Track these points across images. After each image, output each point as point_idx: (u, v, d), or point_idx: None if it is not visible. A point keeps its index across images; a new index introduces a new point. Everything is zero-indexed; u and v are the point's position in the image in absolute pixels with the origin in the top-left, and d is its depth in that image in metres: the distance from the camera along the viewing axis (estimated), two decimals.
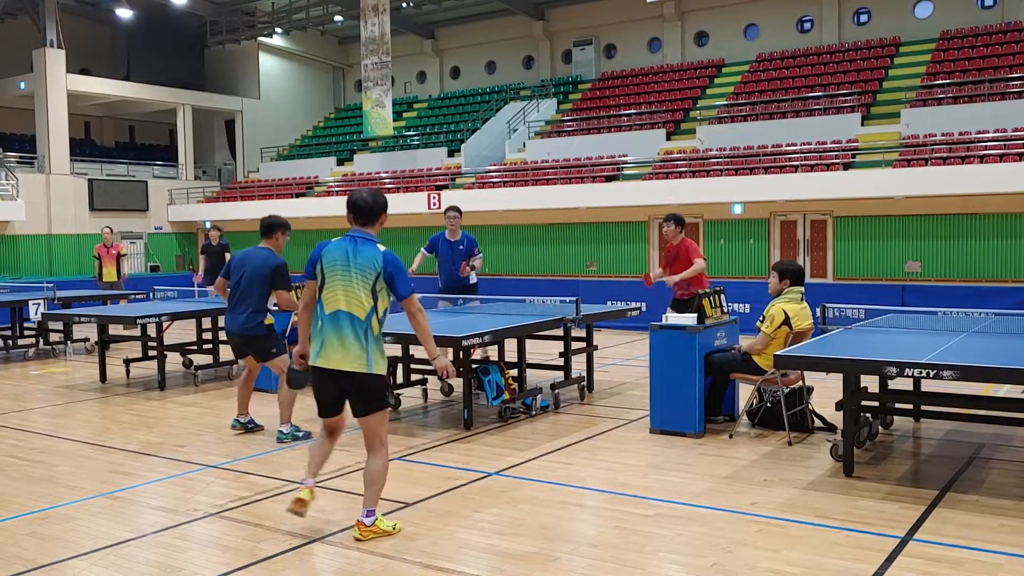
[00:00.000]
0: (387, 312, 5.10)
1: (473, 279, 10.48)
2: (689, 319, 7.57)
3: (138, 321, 10.20)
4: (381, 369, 4.99)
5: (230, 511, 5.60)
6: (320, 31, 34.60)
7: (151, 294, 13.67)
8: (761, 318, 7.50)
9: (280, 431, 7.51)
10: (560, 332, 8.99)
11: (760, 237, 20.58)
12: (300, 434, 7.53)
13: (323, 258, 5.04)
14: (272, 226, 7.59)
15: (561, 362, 9.24)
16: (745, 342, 7.62)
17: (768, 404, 7.61)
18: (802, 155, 20.63)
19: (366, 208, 5.07)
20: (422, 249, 10.50)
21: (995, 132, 19.10)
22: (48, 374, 11.84)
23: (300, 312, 5.27)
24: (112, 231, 17.22)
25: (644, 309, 10.81)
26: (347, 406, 5.10)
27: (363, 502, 5.06)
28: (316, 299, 5.06)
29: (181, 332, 14.94)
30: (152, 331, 11.28)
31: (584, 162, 23.97)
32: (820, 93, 23.19)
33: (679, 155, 22.63)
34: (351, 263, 4.96)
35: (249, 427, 7.89)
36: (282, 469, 6.63)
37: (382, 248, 5.02)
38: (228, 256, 15.04)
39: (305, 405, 8.57)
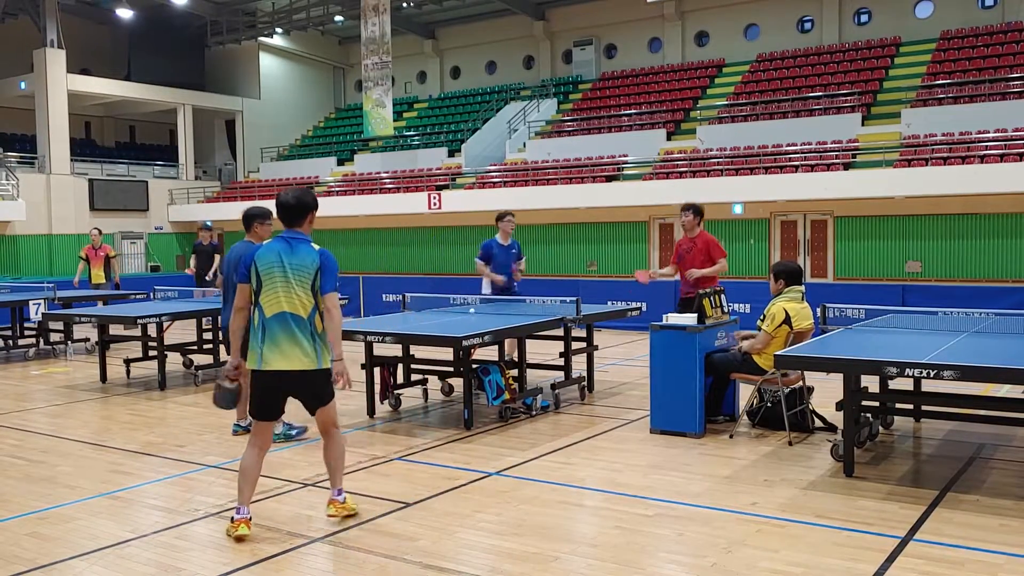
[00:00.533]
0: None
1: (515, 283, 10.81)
2: (689, 319, 7.57)
3: (138, 321, 10.20)
4: (327, 363, 5.12)
5: (230, 511, 5.59)
6: (320, 31, 34.59)
7: (151, 294, 13.66)
8: (762, 317, 7.51)
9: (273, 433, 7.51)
10: (560, 332, 8.99)
11: (760, 237, 20.58)
12: (293, 432, 7.52)
13: (257, 261, 5.11)
14: (248, 218, 7.33)
15: (561, 362, 9.24)
16: (744, 343, 7.62)
17: (768, 404, 7.61)
18: (802, 155, 20.63)
19: (293, 208, 5.25)
20: (478, 260, 10.62)
21: (995, 132, 19.09)
22: (48, 374, 11.84)
23: (232, 318, 5.28)
24: (100, 232, 16.77)
25: (644, 309, 10.80)
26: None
27: (332, 483, 5.35)
28: (251, 304, 5.13)
29: (181, 332, 14.95)
30: (152, 331, 11.28)
31: (584, 162, 23.97)
32: (820, 93, 23.19)
33: (679, 155, 22.63)
34: (287, 264, 5.07)
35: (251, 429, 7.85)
36: (281, 469, 6.63)
37: (316, 247, 5.19)
38: (218, 257, 15.01)
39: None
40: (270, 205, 6.58)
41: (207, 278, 15.54)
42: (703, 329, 7.46)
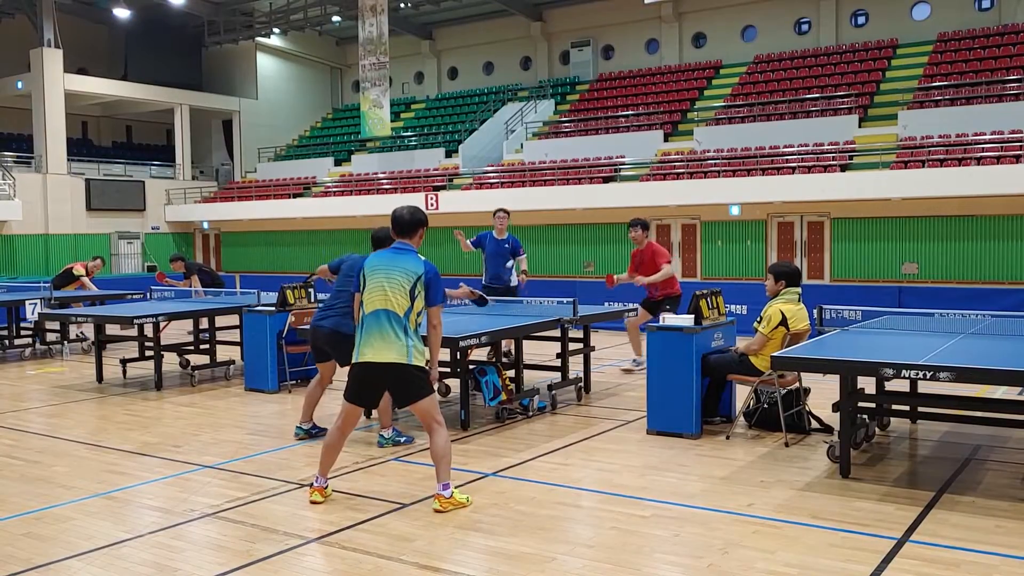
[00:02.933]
0: (422, 314, 5.59)
1: (514, 281, 11.19)
2: (686, 320, 7.57)
3: (135, 321, 10.19)
4: (419, 361, 5.47)
5: (226, 511, 5.59)
6: (318, 31, 34.56)
7: (147, 294, 13.64)
8: (759, 318, 7.51)
9: (299, 427, 7.62)
10: (557, 333, 8.99)
11: (757, 238, 20.60)
12: (402, 439, 7.33)
13: (365, 267, 5.65)
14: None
15: (558, 363, 9.24)
16: (742, 343, 7.63)
17: (765, 405, 7.62)
18: (799, 156, 20.65)
19: (407, 223, 5.67)
20: (468, 241, 11.19)
21: (992, 134, 19.13)
22: (44, 374, 11.82)
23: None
24: (104, 263, 15.81)
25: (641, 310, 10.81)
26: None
27: (437, 477, 5.51)
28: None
29: (178, 332, 14.93)
30: (149, 331, 11.26)
31: (582, 163, 23.98)
32: (817, 95, 23.22)
33: (676, 156, 22.65)
34: (392, 268, 5.53)
35: (313, 433, 7.61)
36: (278, 470, 6.62)
37: (423, 258, 5.60)
38: (195, 279, 14.51)
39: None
40: (268, 206, 6.60)
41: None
42: (700, 330, 7.46)
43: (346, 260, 7.61)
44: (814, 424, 7.58)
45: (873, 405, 7.10)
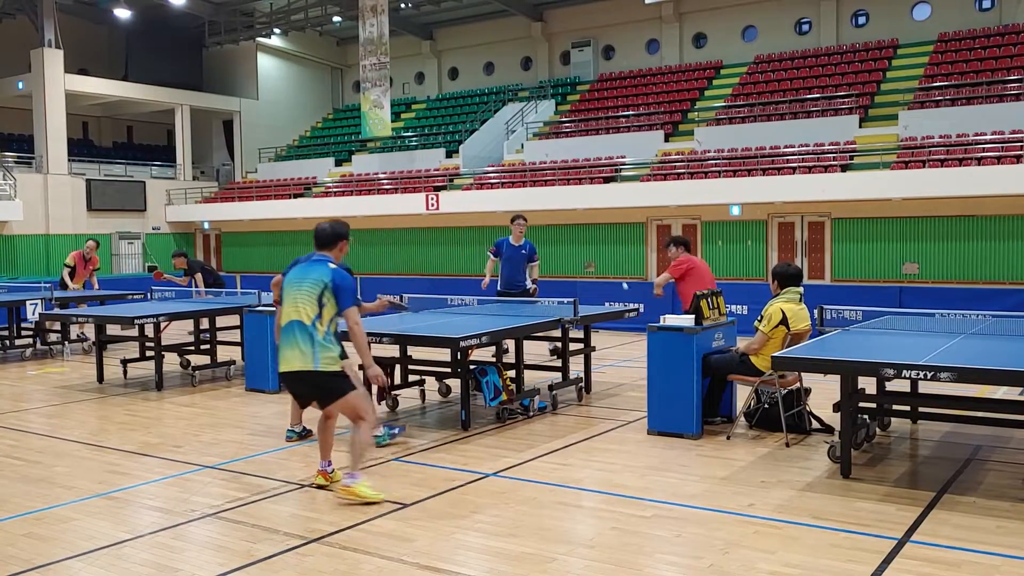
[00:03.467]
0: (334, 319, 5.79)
1: (530, 285, 11.72)
2: (687, 320, 7.57)
3: (136, 321, 10.19)
4: (328, 367, 5.69)
5: (227, 512, 5.59)
6: (318, 32, 34.56)
7: (148, 294, 13.64)
8: (759, 317, 7.51)
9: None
10: (558, 333, 8.99)
11: (758, 239, 20.59)
12: (395, 431, 7.50)
13: (284, 282, 5.92)
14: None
15: (559, 363, 9.24)
16: (743, 343, 7.63)
17: (766, 405, 7.62)
18: (800, 157, 20.64)
19: (324, 237, 5.95)
20: (489, 255, 11.95)
21: (993, 134, 19.12)
22: (45, 374, 11.83)
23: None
24: (97, 245, 15.76)
25: (642, 310, 10.80)
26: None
27: (351, 464, 5.75)
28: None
29: (179, 332, 14.93)
30: (150, 331, 11.26)
31: (582, 163, 23.97)
32: (818, 95, 23.21)
33: (677, 156, 22.64)
34: (303, 279, 5.78)
35: (304, 434, 7.56)
36: (278, 470, 6.62)
37: (332, 266, 5.81)
38: (199, 276, 14.52)
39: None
40: (268, 206, 6.65)
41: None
42: (701, 330, 7.46)
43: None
44: (815, 424, 7.58)
45: (874, 405, 7.10)
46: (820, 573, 4.44)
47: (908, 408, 7.57)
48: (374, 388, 5.98)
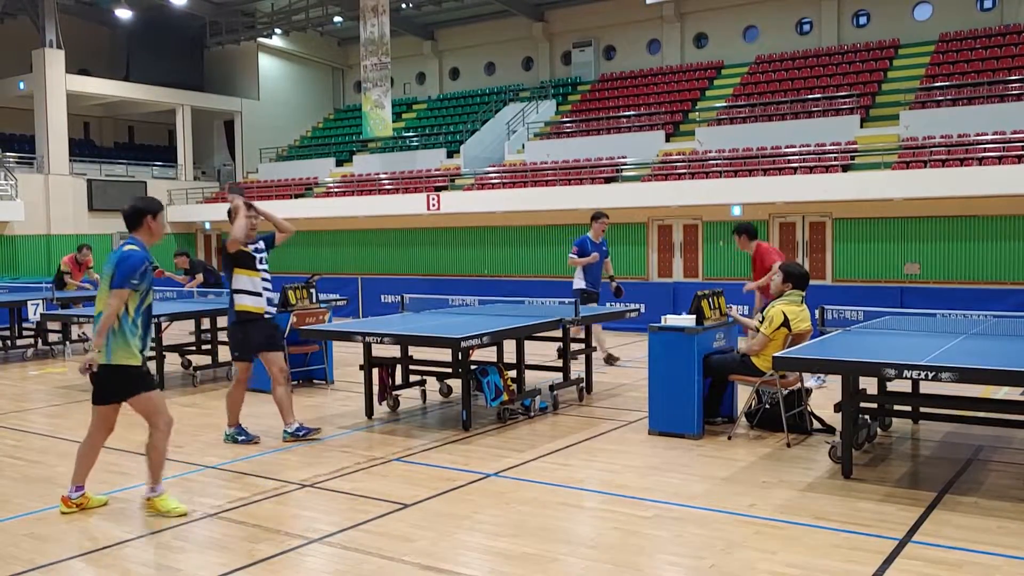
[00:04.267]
0: (140, 308, 5.54)
1: (612, 283, 11.92)
2: (688, 321, 7.57)
3: None
4: (120, 360, 5.46)
5: (228, 512, 5.60)
6: (319, 32, 34.56)
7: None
8: (760, 319, 7.51)
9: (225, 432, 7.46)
10: (559, 333, 8.99)
11: (760, 239, 20.56)
12: (240, 438, 7.45)
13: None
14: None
15: (560, 363, 9.24)
16: (743, 343, 7.62)
17: (767, 406, 7.61)
18: (801, 157, 20.63)
19: (126, 216, 5.77)
20: (573, 255, 11.81)
21: (994, 134, 19.11)
22: (46, 374, 11.83)
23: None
24: (91, 250, 15.71)
25: (643, 311, 10.81)
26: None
27: (149, 479, 5.65)
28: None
29: (180, 333, 14.93)
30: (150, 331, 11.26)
31: (583, 163, 23.97)
32: (819, 95, 23.20)
33: (678, 156, 22.63)
34: (105, 268, 5.60)
35: (300, 434, 7.55)
36: (280, 470, 6.62)
37: (126, 248, 5.59)
38: (199, 277, 14.57)
39: (306, 407, 8.62)
40: (269, 206, 6.60)
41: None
42: (702, 331, 7.46)
43: None
44: (816, 425, 7.58)
45: (875, 406, 7.09)
46: (821, 573, 4.44)
47: (909, 408, 7.57)
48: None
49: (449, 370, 8.79)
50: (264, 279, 7.33)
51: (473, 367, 8.24)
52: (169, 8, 30.59)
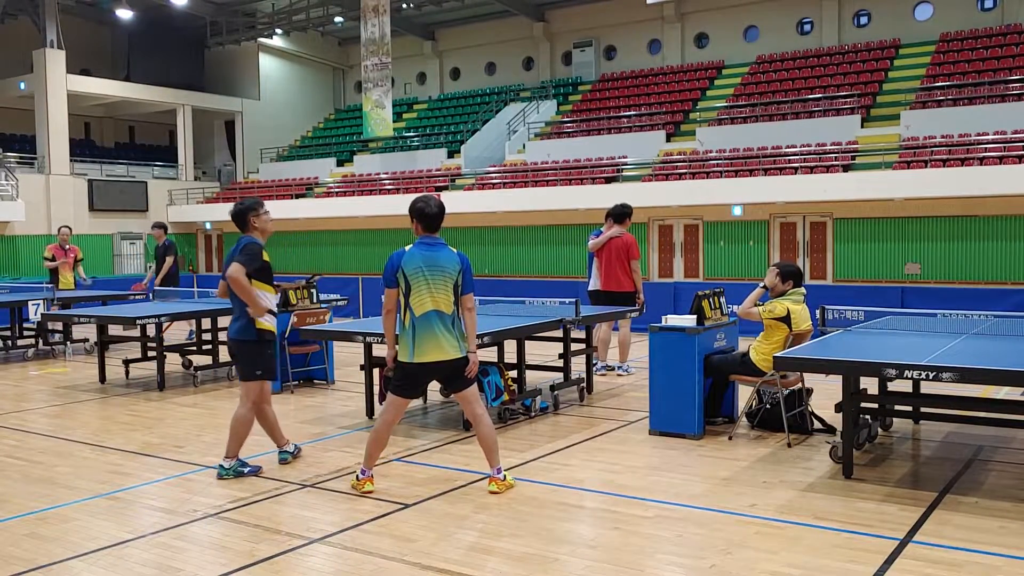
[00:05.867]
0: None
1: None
2: (689, 321, 7.57)
3: (137, 322, 10.20)
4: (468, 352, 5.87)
5: (229, 512, 5.60)
6: (320, 32, 34.59)
7: (150, 295, 13.65)
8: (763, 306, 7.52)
9: (222, 465, 6.45)
10: (559, 333, 8.99)
11: (760, 239, 20.58)
12: (245, 470, 6.47)
13: (404, 266, 5.69)
14: (244, 212, 6.52)
15: (560, 363, 9.24)
16: (744, 344, 7.62)
17: (767, 406, 7.61)
18: (802, 157, 20.64)
19: (437, 216, 5.79)
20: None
21: (995, 134, 19.11)
22: (47, 374, 11.84)
23: (384, 319, 5.92)
24: (71, 231, 15.36)
25: (643, 311, 10.81)
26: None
27: (489, 463, 5.98)
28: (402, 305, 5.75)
29: (181, 333, 14.94)
30: (152, 332, 11.27)
31: (584, 163, 23.98)
32: (820, 95, 23.21)
33: (679, 156, 22.64)
34: (433, 267, 5.69)
35: (296, 453, 6.88)
36: (280, 470, 6.62)
37: (455, 251, 5.81)
38: (169, 260, 14.24)
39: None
40: (270, 206, 6.57)
41: (153, 281, 14.33)
42: (702, 331, 7.46)
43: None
44: (817, 425, 7.58)
45: (876, 406, 7.09)
46: (822, 573, 4.44)
47: (910, 408, 7.57)
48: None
49: None
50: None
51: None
52: (170, 8, 30.62)
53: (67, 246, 15.01)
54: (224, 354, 11.27)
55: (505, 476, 5.94)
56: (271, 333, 6.43)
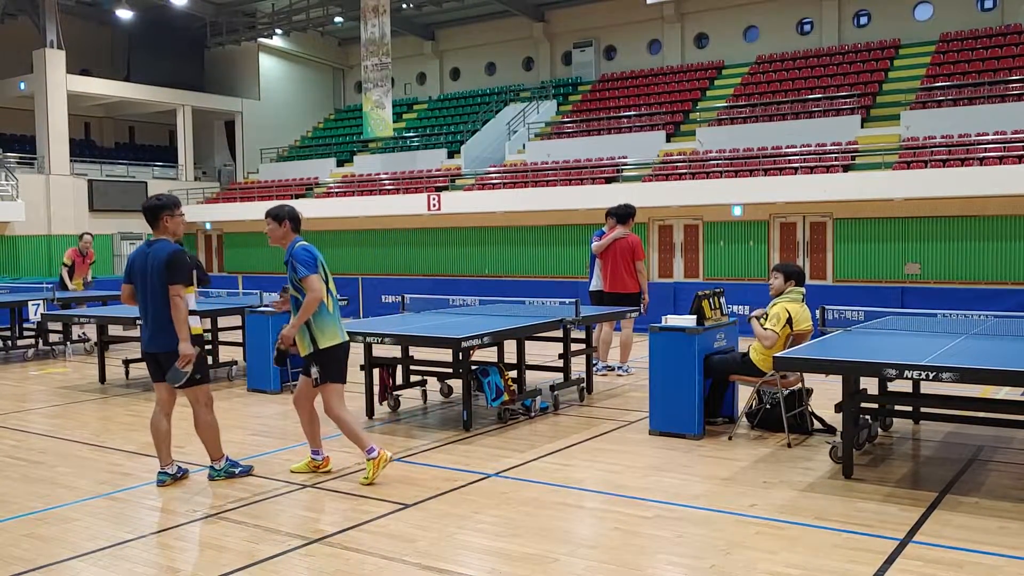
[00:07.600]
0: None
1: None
2: (689, 321, 7.56)
3: (137, 322, 10.16)
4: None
5: (229, 512, 5.60)
6: (320, 32, 34.59)
7: None
8: (764, 315, 7.50)
9: (212, 467, 6.38)
10: (559, 333, 8.99)
11: (760, 239, 20.58)
12: (236, 470, 6.42)
13: (320, 256, 6.27)
14: (154, 209, 6.07)
15: (560, 364, 9.24)
16: (744, 344, 7.62)
17: (767, 406, 7.61)
18: (802, 157, 20.64)
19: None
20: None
21: (995, 134, 19.12)
22: (47, 375, 11.84)
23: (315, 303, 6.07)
24: (92, 238, 15.67)
25: (643, 311, 10.81)
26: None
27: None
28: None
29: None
30: None
31: (584, 164, 23.98)
32: (820, 95, 23.21)
33: (679, 157, 22.64)
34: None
35: (238, 472, 6.47)
36: (280, 470, 6.62)
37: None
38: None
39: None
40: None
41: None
42: (702, 331, 7.46)
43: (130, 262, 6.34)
44: (817, 425, 7.58)
45: (876, 406, 7.09)
46: (822, 573, 4.44)
47: (910, 408, 7.57)
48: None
49: (450, 370, 8.78)
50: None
51: (474, 367, 8.24)
52: (170, 8, 30.63)
53: (86, 253, 15.34)
54: (224, 354, 11.28)
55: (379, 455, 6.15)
56: (201, 336, 6.31)
